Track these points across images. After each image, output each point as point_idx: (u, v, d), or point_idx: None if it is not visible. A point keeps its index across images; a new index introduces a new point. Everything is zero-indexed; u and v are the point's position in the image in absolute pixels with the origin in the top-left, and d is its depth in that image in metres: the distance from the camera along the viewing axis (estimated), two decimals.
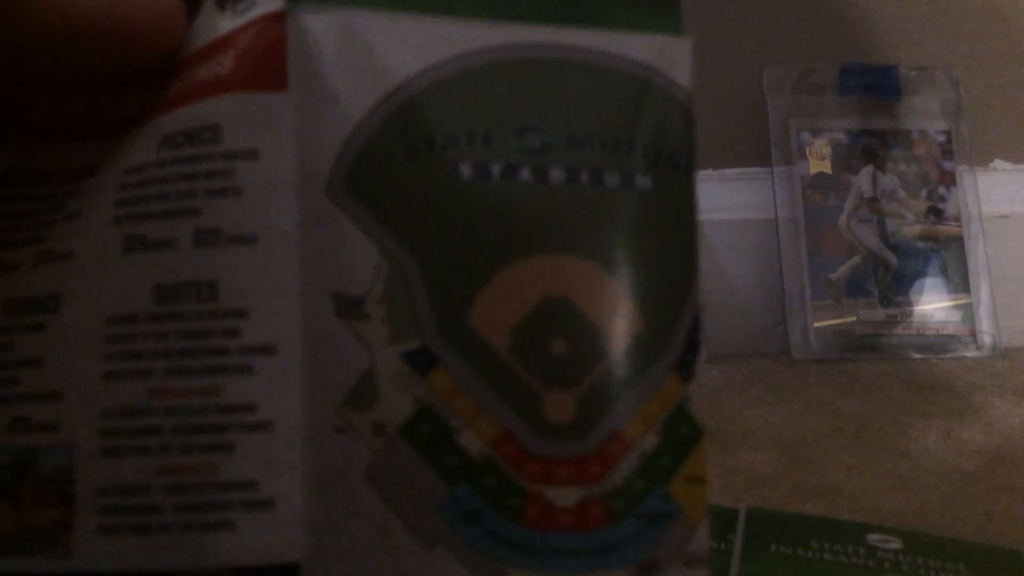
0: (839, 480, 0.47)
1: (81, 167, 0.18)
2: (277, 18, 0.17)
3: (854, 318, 0.78)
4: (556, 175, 0.17)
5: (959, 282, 0.79)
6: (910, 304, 0.79)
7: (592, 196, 0.17)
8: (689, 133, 0.18)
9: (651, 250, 0.18)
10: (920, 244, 0.80)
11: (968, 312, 0.79)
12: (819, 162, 0.81)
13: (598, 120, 0.18)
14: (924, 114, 0.82)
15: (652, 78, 0.18)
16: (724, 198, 0.82)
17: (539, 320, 0.17)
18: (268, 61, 0.17)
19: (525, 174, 0.17)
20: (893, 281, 0.80)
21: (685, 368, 0.18)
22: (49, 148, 0.19)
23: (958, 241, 0.80)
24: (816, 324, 0.78)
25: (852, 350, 0.77)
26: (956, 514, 0.43)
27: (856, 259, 0.80)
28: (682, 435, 0.18)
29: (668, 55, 0.18)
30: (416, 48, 0.17)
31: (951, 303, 0.79)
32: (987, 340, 0.78)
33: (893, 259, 0.80)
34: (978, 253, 0.80)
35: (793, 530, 0.38)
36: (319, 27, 0.17)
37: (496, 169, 0.17)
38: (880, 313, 0.79)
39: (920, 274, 0.80)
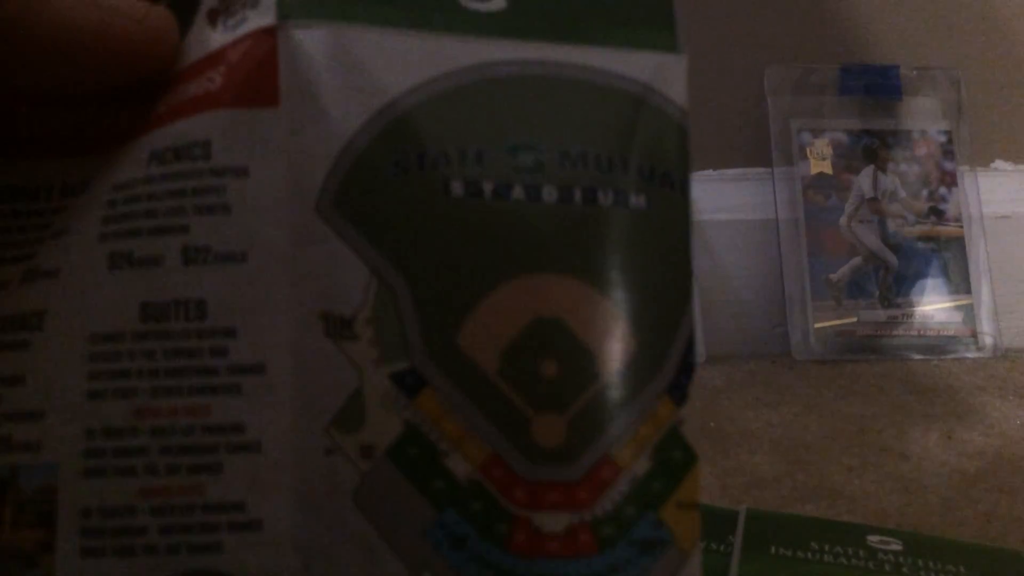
0: (839, 481, 0.47)
1: (69, 184, 0.18)
2: (268, 34, 0.17)
3: (855, 319, 0.78)
4: (549, 193, 0.17)
5: (960, 283, 0.79)
6: (911, 305, 0.79)
7: (585, 215, 0.17)
8: (684, 152, 0.18)
9: (645, 270, 0.17)
10: (921, 245, 0.80)
11: (969, 313, 0.78)
12: (820, 162, 0.81)
13: (592, 138, 0.17)
14: (925, 114, 0.82)
15: (647, 96, 0.18)
16: (724, 198, 0.82)
17: (530, 341, 0.17)
18: (259, 77, 0.17)
19: (518, 192, 0.17)
20: (894, 282, 0.79)
21: (678, 391, 0.17)
22: (37, 164, 0.18)
23: (959, 242, 0.80)
24: (817, 325, 0.78)
25: (853, 351, 0.77)
26: (956, 516, 0.43)
27: (857, 260, 0.80)
28: (674, 460, 0.17)
29: (663, 73, 0.18)
30: (408, 64, 0.17)
31: (952, 304, 0.79)
32: (988, 341, 0.78)
33: (894, 260, 0.80)
34: (979, 254, 0.80)
35: (793, 531, 0.38)
36: (310, 43, 0.17)
37: (488, 187, 0.17)
38: (881, 314, 0.79)
39: (921, 275, 0.80)
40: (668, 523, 0.17)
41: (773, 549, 0.36)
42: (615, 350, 0.17)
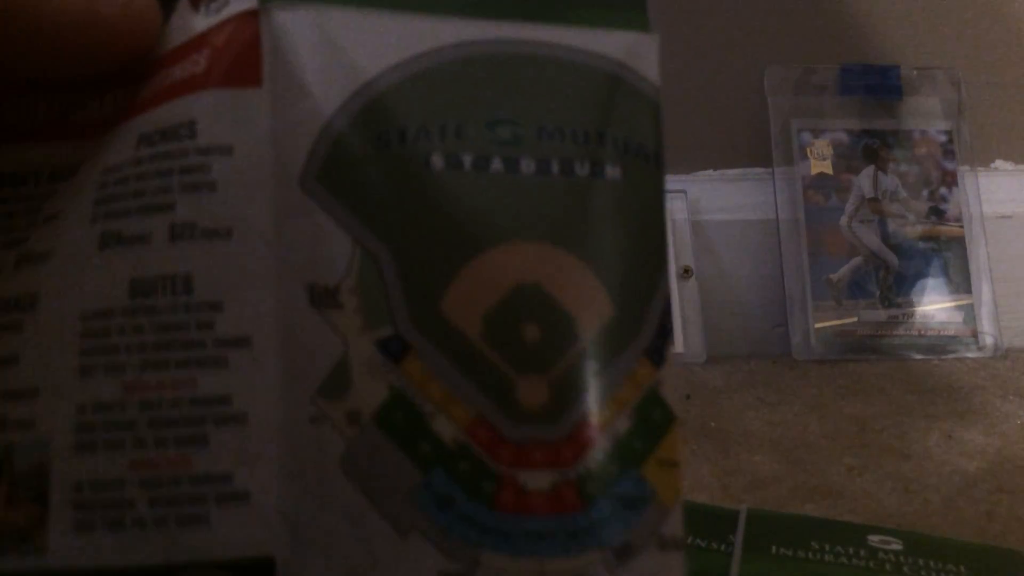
0: (840, 481, 0.47)
1: (57, 168, 0.18)
2: (251, 16, 0.17)
3: (855, 319, 0.78)
4: (527, 166, 0.17)
5: (960, 283, 0.79)
6: (911, 305, 0.79)
7: (563, 186, 0.18)
8: (657, 126, 0.18)
9: (621, 238, 0.18)
10: (921, 245, 0.80)
11: (969, 313, 0.78)
12: (820, 162, 0.81)
13: (568, 113, 0.18)
14: (925, 114, 0.82)
15: (621, 73, 0.18)
16: (725, 198, 0.82)
17: (511, 307, 0.17)
18: (243, 58, 0.17)
19: (497, 165, 0.17)
20: (894, 282, 0.79)
21: (656, 354, 0.18)
22: (24, 150, 0.19)
23: (959, 242, 0.80)
24: (817, 325, 0.78)
25: (853, 351, 0.77)
26: (957, 515, 0.43)
27: (857, 260, 0.80)
28: (654, 419, 0.18)
29: (637, 51, 0.18)
30: (388, 44, 0.17)
31: (952, 304, 0.79)
32: (988, 341, 0.78)
33: (894, 260, 0.80)
34: (980, 254, 0.80)
35: (794, 531, 0.38)
36: (292, 24, 0.17)
37: (468, 160, 0.17)
38: (881, 314, 0.79)
39: (921, 275, 0.80)
40: (650, 480, 0.17)
41: (774, 549, 0.36)
42: (594, 314, 0.17)
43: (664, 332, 0.18)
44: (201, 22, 0.18)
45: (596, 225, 0.18)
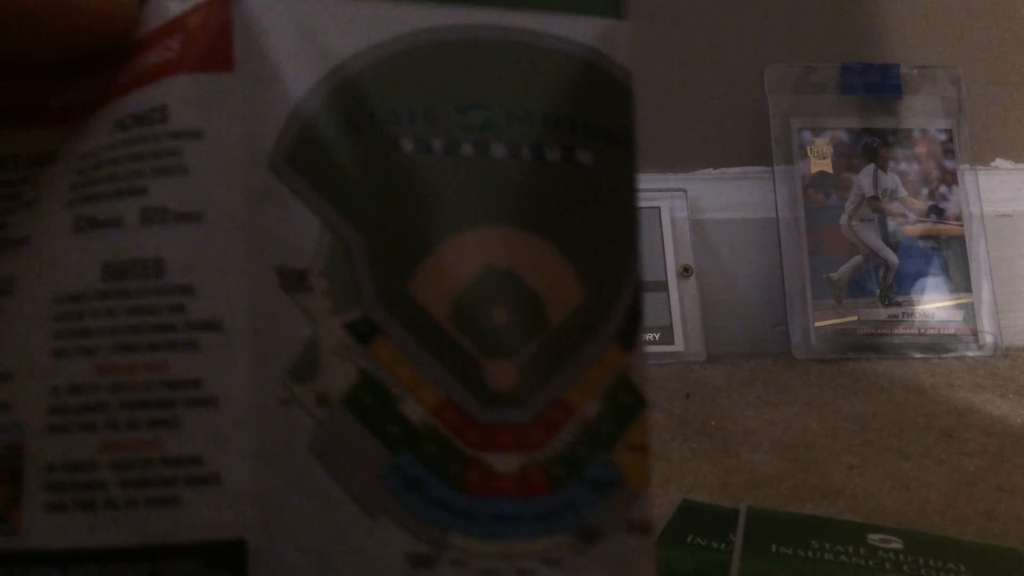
0: (840, 480, 0.47)
1: (37, 154, 0.18)
2: (223, 1, 0.17)
3: (855, 318, 0.78)
4: (498, 150, 0.17)
5: (960, 281, 0.79)
6: (911, 304, 0.79)
7: (534, 170, 0.18)
8: (629, 111, 0.18)
9: (592, 223, 0.18)
10: (921, 243, 0.80)
11: (969, 311, 0.79)
12: (820, 161, 0.81)
13: (540, 98, 0.18)
14: (925, 113, 0.82)
15: (594, 59, 0.18)
16: (725, 197, 0.82)
17: (480, 290, 0.17)
18: (214, 43, 0.17)
19: (467, 149, 0.17)
20: (894, 280, 0.79)
21: (627, 338, 0.18)
22: (2, 135, 0.19)
23: (959, 240, 0.80)
24: (817, 324, 0.78)
25: (853, 350, 0.77)
26: (957, 514, 0.43)
27: (857, 258, 0.80)
28: (624, 404, 0.18)
29: (610, 37, 0.18)
30: (358, 29, 0.17)
31: (952, 302, 0.79)
32: (988, 339, 0.78)
33: (894, 258, 0.80)
34: (979, 252, 0.80)
35: (794, 530, 0.38)
36: (263, 9, 0.17)
37: (438, 144, 0.17)
38: (881, 313, 0.79)
39: (921, 273, 0.80)
40: (619, 464, 0.17)
41: (774, 548, 0.36)
42: (563, 298, 0.17)
43: (635, 317, 0.18)
44: (175, 7, 0.18)
45: (567, 210, 0.18)
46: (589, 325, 0.18)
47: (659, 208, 0.80)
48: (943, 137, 0.82)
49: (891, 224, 0.80)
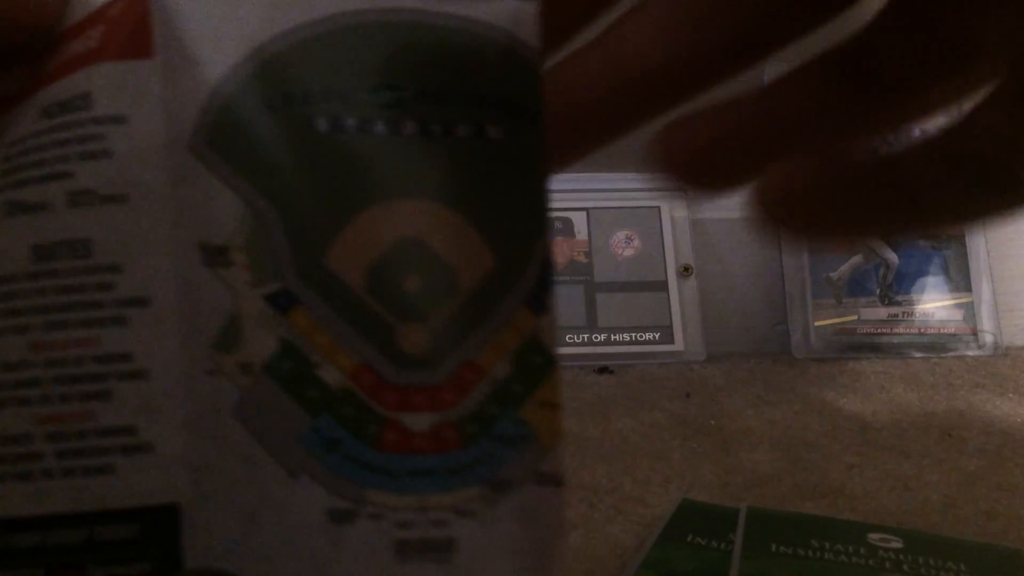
0: (840, 479, 0.47)
1: None
2: None
3: (855, 317, 0.78)
4: (409, 127, 0.18)
5: (960, 281, 0.79)
6: (911, 303, 0.79)
7: (445, 145, 0.19)
8: (537, 88, 0.19)
9: (501, 194, 0.19)
10: (921, 242, 0.80)
11: (970, 311, 0.78)
12: None
13: (452, 78, 0.19)
14: None
15: (504, 40, 0.19)
16: (725, 197, 0.82)
17: (393, 259, 0.18)
18: (135, 31, 0.18)
19: (380, 127, 0.18)
20: (894, 280, 0.79)
21: (536, 303, 0.19)
22: None
23: (960, 239, 0.80)
24: (817, 323, 0.78)
25: (853, 349, 0.77)
26: (957, 514, 0.43)
27: (857, 258, 0.80)
28: (534, 364, 0.19)
29: (520, 19, 0.19)
30: (274, 13, 0.18)
31: (952, 302, 0.79)
32: (988, 339, 0.78)
33: (894, 257, 0.80)
34: (980, 252, 0.80)
35: (793, 529, 0.38)
36: None
37: (351, 122, 0.18)
38: (881, 312, 0.79)
39: (921, 273, 0.80)
40: (529, 421, 0.18)
41: (774, 547, 0.36)
42: (473, 265, 0.18)
43: (545, 283, 0.19)
44: None
45: (477, 182, 0.19)
46: (499, 291, 0.19)
47: (659, 208, 0.80)
48: None
49: None
